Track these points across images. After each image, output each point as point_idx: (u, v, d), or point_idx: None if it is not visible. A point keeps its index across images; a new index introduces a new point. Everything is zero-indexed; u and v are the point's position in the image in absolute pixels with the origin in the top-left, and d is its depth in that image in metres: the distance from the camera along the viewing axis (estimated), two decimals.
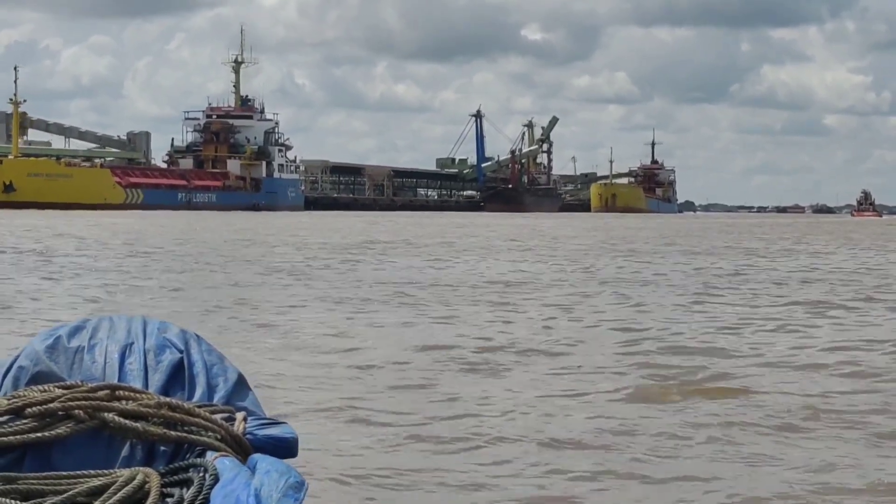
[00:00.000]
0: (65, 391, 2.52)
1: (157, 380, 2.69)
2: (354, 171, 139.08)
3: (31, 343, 2.78)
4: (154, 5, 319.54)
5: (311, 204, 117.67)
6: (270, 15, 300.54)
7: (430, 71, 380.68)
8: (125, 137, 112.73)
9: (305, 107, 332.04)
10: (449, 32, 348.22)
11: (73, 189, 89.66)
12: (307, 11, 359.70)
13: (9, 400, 2.51)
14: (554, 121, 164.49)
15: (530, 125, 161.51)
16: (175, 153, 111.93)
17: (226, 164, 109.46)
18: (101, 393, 2.52)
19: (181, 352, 2.76)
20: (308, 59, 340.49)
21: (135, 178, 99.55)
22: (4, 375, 2.70)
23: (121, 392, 2.54)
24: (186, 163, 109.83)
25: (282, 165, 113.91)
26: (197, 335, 2.86)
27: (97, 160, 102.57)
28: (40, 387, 2.57)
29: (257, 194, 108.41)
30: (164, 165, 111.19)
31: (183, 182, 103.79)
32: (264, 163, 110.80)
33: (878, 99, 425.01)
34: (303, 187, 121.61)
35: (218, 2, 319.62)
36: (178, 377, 2.72)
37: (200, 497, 2.24)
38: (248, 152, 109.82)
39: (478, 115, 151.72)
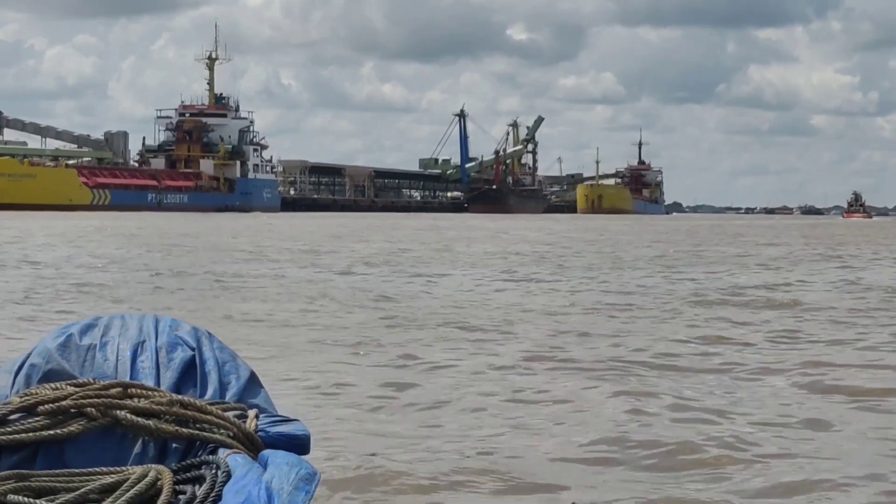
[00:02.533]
0: (77, 389, 2.53)
1: (168, 377, 2.70)
2: (335, 171, 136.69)
3: (42, 341, 2.79)
4: (139, 5, 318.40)
5: (290, 205, 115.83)
6: (255, 15, 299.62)
7: (416, 71, 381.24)
8: (102, 138, 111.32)
9: (292, 107, 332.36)
10: (435, 32, 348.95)
11: (37, 189, 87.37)
12: (292, 12, 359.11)
13: (21, 398, 2.52)
14: (539, 121, 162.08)
15: (515, 125, 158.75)
16: (147, 153, 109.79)
17: (199, 163, 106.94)
18: (113, 391, 2.53)
19: (193, 349, 2.77)
20: (294, 59, 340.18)
21: (102, 179, 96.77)
22: (17, 373, 2.71)
23: (133, 390, 2.55)
24: (158, 162, 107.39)
25: (257, 165, 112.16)
26: (209, 333, 2.87)
27: (68, 160, 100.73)
28: (52, 384, 2.58)
29: (231, 195, 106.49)
30: (136, 165, 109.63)
31: (153, 182, 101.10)
32: (238, 163, 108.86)
33: (865, 99, 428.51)
34: (280, 188, 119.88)
35: (202, 1, 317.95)
36: (190, 375, 2.73)
37: (213, 494, 2.25)
38: (221, 152, 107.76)
39: (461, 115, 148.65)
